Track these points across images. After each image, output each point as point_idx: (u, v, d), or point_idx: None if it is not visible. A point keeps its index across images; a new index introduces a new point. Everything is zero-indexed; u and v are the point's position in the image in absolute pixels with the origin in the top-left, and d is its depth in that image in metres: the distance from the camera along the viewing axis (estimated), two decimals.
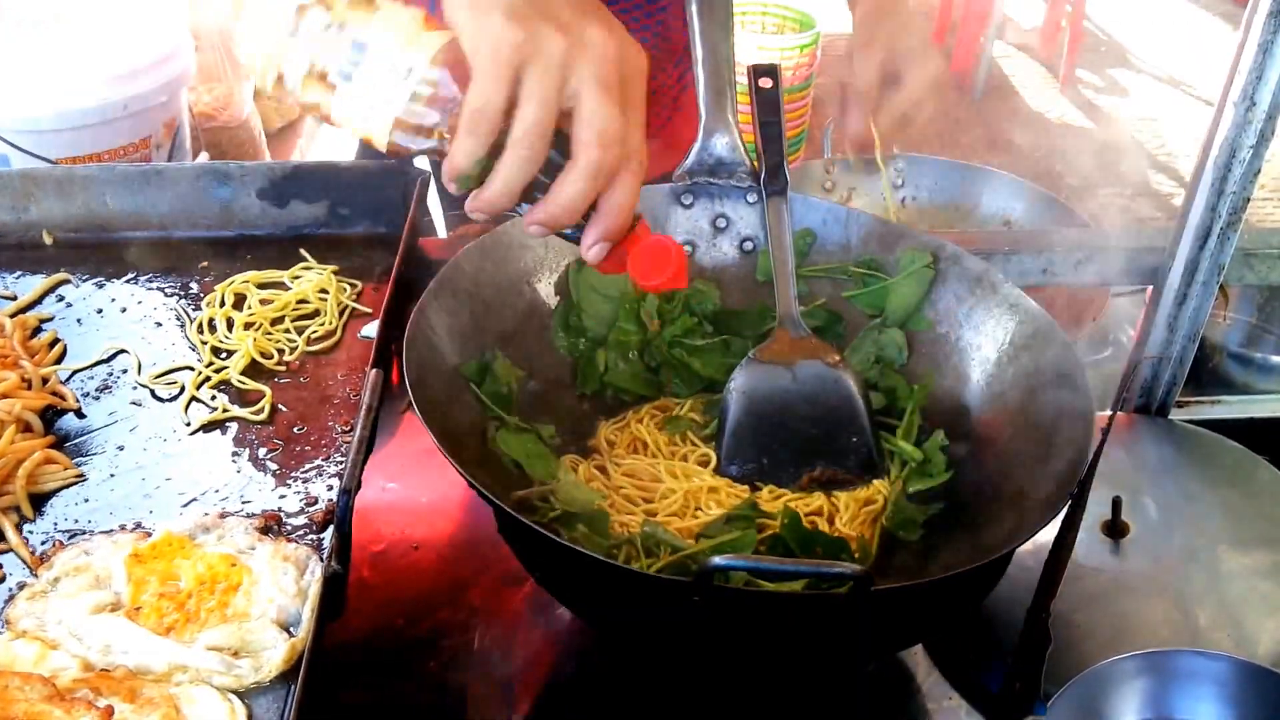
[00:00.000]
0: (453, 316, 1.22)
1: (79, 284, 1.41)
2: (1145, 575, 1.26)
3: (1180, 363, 1.47)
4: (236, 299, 1.38)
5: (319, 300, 1.37)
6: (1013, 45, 6.50)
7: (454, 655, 1.22)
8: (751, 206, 1.39)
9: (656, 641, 1.07)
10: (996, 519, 1.13)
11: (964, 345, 1.29)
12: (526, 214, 0.91)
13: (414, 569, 1.31)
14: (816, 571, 0.88)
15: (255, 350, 1.30)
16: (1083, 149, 4.86)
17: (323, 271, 1.42)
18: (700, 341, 1.35)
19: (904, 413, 1.28)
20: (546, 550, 1.02)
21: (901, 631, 1.07)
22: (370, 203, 1.50)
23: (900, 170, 2.02)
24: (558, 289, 1.34)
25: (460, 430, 1.15)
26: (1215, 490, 1.37)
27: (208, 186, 1.49)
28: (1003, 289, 1.27)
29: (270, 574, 1.02)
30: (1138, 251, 1.48)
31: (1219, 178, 1.32)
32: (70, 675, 0.92)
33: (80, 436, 1.20)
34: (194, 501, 1.12)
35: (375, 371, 1.03)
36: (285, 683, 0.95)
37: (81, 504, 1.12)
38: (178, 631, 0.97)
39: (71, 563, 1.03)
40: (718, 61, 1.37)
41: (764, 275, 1.39)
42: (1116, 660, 1.06)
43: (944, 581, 0.98)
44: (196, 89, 2.89)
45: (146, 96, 2.48)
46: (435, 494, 1.40)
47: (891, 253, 1.35)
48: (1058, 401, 1.16)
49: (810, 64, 4.47)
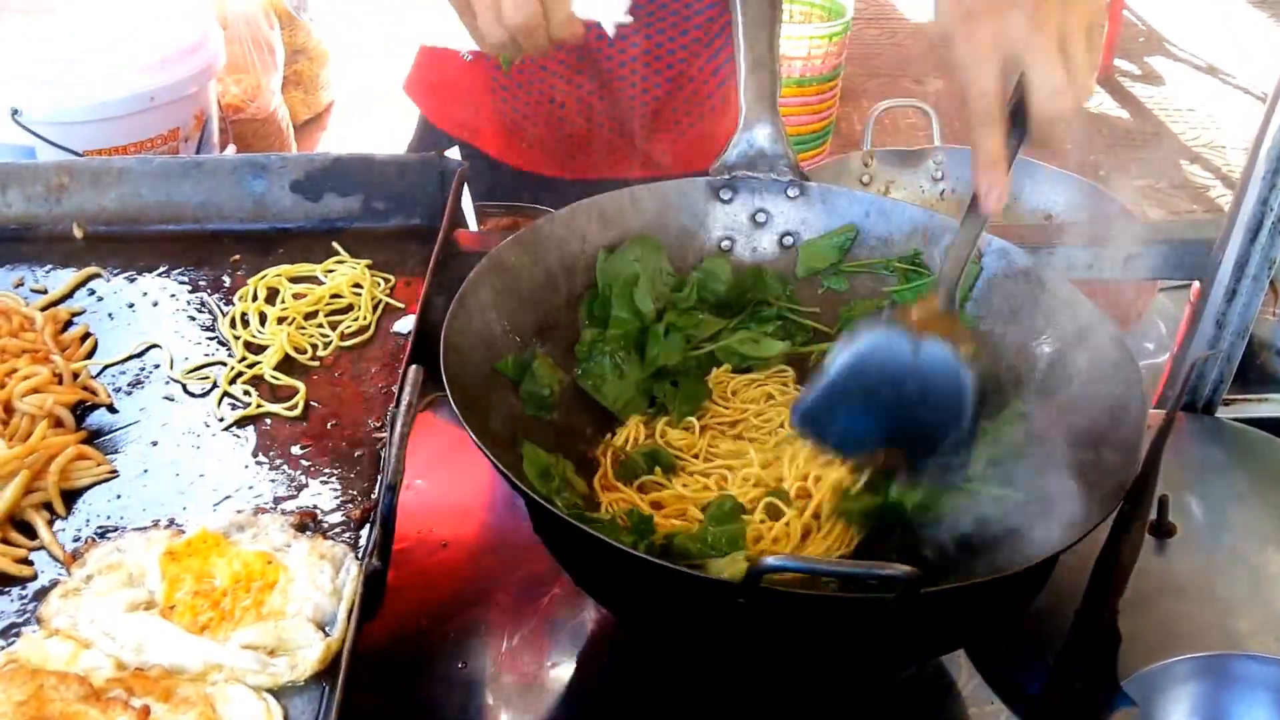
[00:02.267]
0: (491, 311, 1.21)
1: (110, 278, 1.40)
2: (1192, 577, 1.23)
3: (1228, 360, 1.44)
4: (269, 293, 1.37)
5: (353, 295, 1.36)
6: None
7: (481, 656, 1.20)
8: (792, 201, 1.36)
9: (696, 642, 1.06)
10: (1044, 520, 1.10)
11: (1010, 342, 1.27)
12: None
13: (441, 568, 1.29)
14: (867, 574, 0.86)
15: (289, 345, 1.28)
16: (1120, 140, 4.82)
17: (356, 265, 1.40)
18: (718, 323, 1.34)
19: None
20: (587, 549, 1.00)
21: (947, 634, 1.04)
22: (405, 196, 1.49)
23: (940, 163, 1.99)
24: (586, 278, 1.32)
25: (498, 428, 1.13)
26: (1263, 490, 1.34)
27: (242, 179, 1.48)
28: (1051, 284, 1.25)
29: (306, 572, 1.00)
30: (1186, 245, 1.45)
31: (1271, 170, 1.29)
32: (104, 675, 0.91)
33: (112, 432, 1.19)
34: (228, 498, 1.11)
35: (416, 368, 1.02)
36: (320, 682, 0.93)
37: (114, 500, 1.11)
38: (212, 630, 0.96)
39: (105, 560, 1.02)
40: (760, 51, 1.34)
41: (805, 270, 1.37)
42: (1168, 664, 1.04)
43: (992, 584, 0.95)
44: (224, 80, 2.89)
45: (175, 88, 2.48)
46: (463, 491, 1.38)
47: (936, 246, 1.32)
48: (1109, 400, 1.13)
49: (839, 53, 4.43)
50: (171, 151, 2.56)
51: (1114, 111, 5.69)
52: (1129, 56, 6.22)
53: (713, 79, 1.78)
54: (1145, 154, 5.29)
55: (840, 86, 4.65)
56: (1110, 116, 5.64)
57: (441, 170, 1.47)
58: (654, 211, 1.35)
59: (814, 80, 4.41)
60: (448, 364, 1.08)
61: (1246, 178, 1.32)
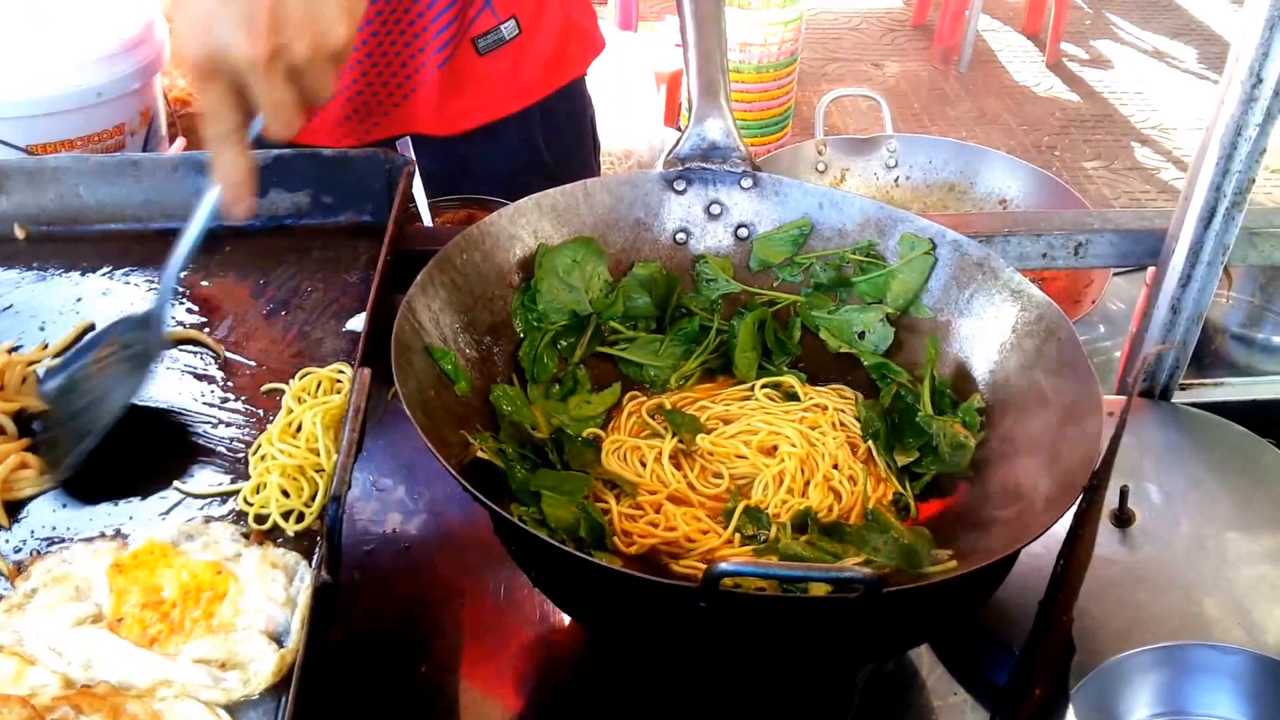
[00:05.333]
0: (441, 309, 1.19)
1: (51, 277, 1.37)
2: (1154, 564, 1.24)
3: (1183, 345, 1.44)
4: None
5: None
6: (998, 19, 6.48)
7: (446, 657, 1.19)
8: (746, 192, 1.35)
9: (656, 645, 1.04)
10: (1004, 513, 1.10)
11: (965, 333, 1.26)
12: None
13: (405, 569, 1.28)
14: (830, 577, 0.85)
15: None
16: (1071, 122, 4.86)
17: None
18: (632, 334, 1.33)
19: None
20: (543, 554, 0.99)
21: (908, 632, 1.04)
22: (354, 191, 1.46)
23: (893, 150, 1.99)
24: (522, 269, 1.30)
25: (451, 428, 1.11)
26: (1221, 475, 1.35)
27: (185, 176, 1.44)
28: (1004, 274, 1.24)
29: (258, 582, 0.98)
30: (1139, 233, 1.45)
31: (1224, 156, 1.29)
32: (50, 693, 0.88)
33: None
34: (177, 506, 1.08)
35: (364, 371, 1.00)
36: (275, 694, 0.91)
37: (60, 510, 1.08)
38: (162, 643, 0.94)
39: (50, 573, 1.00)
40: (708, 45, 1.33)
41: (758, 264, 1.35)
42: (1130, 654, 1.04)
43: (954, 582, 0.95)
44: (171, 74, 2.83)
45: (120, 82, 2.43)
46: (426, 491, 1.36)
47: (889, 238, 1.31)
48: (1063, 390, 1.13)
49: (796, 39, 4.44)
50: (119, 146, 2.51)
51: (1064, 95, 5.73)
52: (1076, 41, 6.26)
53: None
54: (1095, 136, 5.34)
55: (798, 72, 4.66)
56: (1061, 100, 5.68)
57: (389, 166, 1.44)
58: (607, 205, 1.34)
59: (771, 66, 4.42)
60: (398, 363, 1.06)
61: (1199, 163, 1.32)
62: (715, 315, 1.34)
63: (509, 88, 1.83)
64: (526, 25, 1.79)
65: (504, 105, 1.84)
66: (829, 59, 5.96)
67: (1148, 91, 5.78)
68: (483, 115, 1.83)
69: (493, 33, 1.76)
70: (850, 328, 1.31)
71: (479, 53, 1.77)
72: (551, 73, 1.87)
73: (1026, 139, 5.26)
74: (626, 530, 1.13)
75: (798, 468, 1.20)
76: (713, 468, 1.22)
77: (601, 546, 1.08)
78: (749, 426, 1.25)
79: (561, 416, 1.24)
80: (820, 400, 1.29)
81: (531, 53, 1.82)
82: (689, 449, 1.22)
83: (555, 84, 1.88)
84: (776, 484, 1.19)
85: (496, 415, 1.20)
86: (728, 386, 1.33)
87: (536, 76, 1.85)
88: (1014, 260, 1.45)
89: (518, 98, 1.84)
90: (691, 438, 1.23)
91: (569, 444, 1.20)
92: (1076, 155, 5.18)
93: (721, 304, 1.35)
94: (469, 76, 1.79)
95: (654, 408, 1.28)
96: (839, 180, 1.96)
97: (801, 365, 1.33)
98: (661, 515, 1.15)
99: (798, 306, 1.34)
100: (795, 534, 1.12)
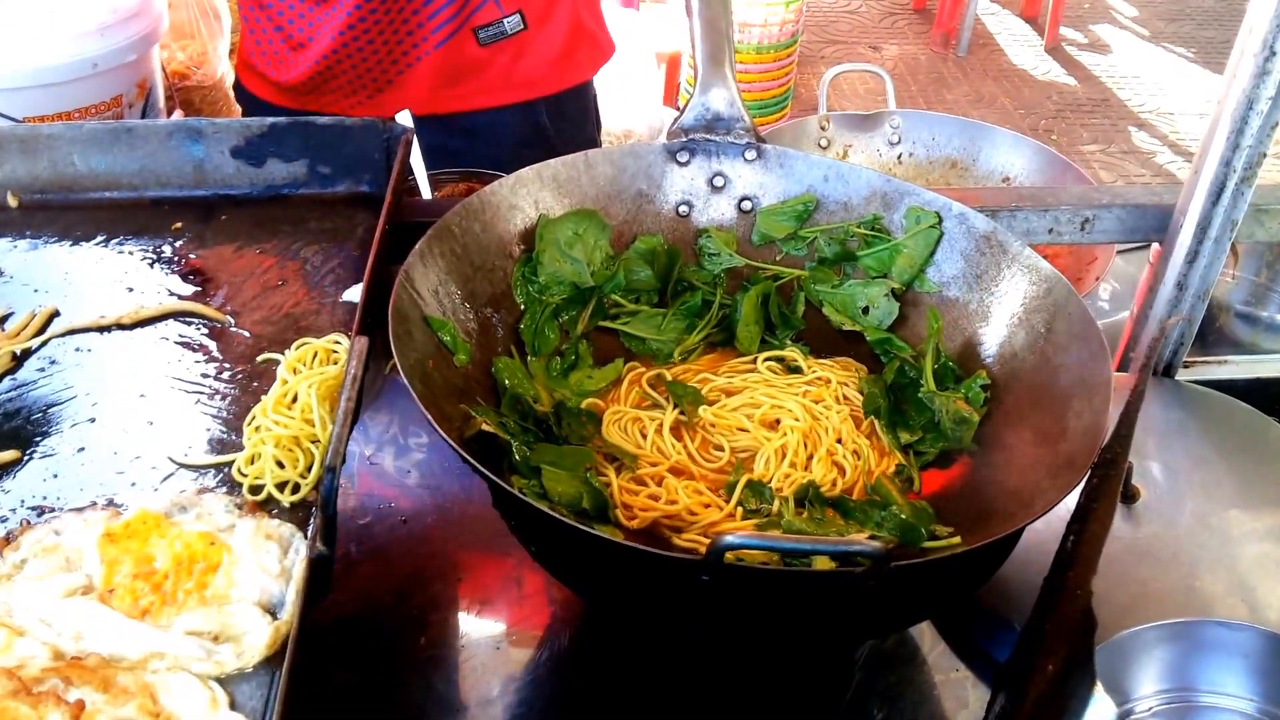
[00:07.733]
0: (440, 279, 1.17)
1: (44, 245, 1.35)
2: (1158, 541, 1.23)
3: (1189, 322, 1.43)
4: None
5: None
6: (997, 3, 6.45)
7: (444, 631, 1.18)
8: (750, 164, 1.33)
9: (657, 619, 1.03)
10: (1009, 487, 1.09)
11: (973, 308, 1.24)
12: None
13: (402, 543, 1.26)
14: (838, 550, 0.84)
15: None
16: (1067, 106, 4.83)
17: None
18: (634, 308, 1.32)
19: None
20: (545, 528, 0.98)
21: (913, 607, 1.02)
22: (351, 161, 1.44)
23: (896, 126, 1.97)
24: (523, 240, 1.28)
25: (450, 400, 1.09)
26: (1225, 453, 1.35)
27: (179, 144, 1.42)
28: (1011, 248, 1.22)
29: (251, 553, 0.96)
30: (1147, 208, 1.43)
31: (1235, 130, 1.28)
32: (39, 664, 0.87)
33: (49, 408, 1.14)
34: (170, 477, 1.07)
35: (361, 339, 0.98)
36: (269, 667, 0.90)
37: (50, 479, 1.06)
38: (154, 615, 0.92)
39: (40, 543, 0.98)
40: (713, 14, 1.31)
41: (760, 238, 1.34)
42: (1137, 630, 1.03)
43: (960, 557, 0.94)
44: (169, 46, 2.80)
45: (117, 54, 2.39)
46: (424, 466, 1.35)
47: (895, 211, 1.30)
48: (1071, 366, 1.11)
49: (796, 20, 4.43)
50: (116, 119, 2.48)
51: (1062, 79, 5.70)
52: (1075, 25, 6.23)
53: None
54: (1093, 120, 5.31)
55: (798, 53, 4.64)
56: (1059, 83, 5.65)
57: (387, 135, 1.42)
58: (609, 177, 1.32)
59: (772, 47, 4.41)
60: (396, 334, 1.04)
61: (1209, 138, 1.30)
62: (718, 290, 1.32)
63: (510, 80, 1.85)
64: (533, 21, 1.81)
65: (503, 96, 1.86)
66: (828, 41, 5.93)
67: (1145, 76, 5.75)
68: (479, 102, 1.85)
69: (495, 25, 1.79)
70: (854, 302, 1.30)
71: (480, 43, 1.80)
72: (558, 73, 1.89)
73: (1024, 122, 5.23)
74: (627, 504, 1.12)
75: (800, 442, 1.18)
76: (714, 440, 1.20)
77: (604, 520, 1.06)
78: (751, 400, 1.23)
79: (563, 391, 1.22)
80: (824, 374, 1.27)
81: (536, 49, 1.84)
82: (690, 420, 1.21)
83: (561, 84, 1.92)
84: (779, 458, 1.17)
85: (497, 388, 1.18)
86: (730, 360, 1.31)
87: (541, 74, 1.87)
88: (1020, 236, 1.43)
89: (519, 91, 1.87)
90: (693, 409, 1.21)
91: (568, 417, 1.18)
92: (1074, 139, 5.16)
93: (724, 278, 1.34)
94: (468, 64, 1.81)
95: (654, 378, 1.26)
96: (841, 156, 1.94)
97: (805, 340, 1.32)
98: (663, 488, 1.13)
99: (801, 281, 1.32)
100: (798, 508, 1.11)
